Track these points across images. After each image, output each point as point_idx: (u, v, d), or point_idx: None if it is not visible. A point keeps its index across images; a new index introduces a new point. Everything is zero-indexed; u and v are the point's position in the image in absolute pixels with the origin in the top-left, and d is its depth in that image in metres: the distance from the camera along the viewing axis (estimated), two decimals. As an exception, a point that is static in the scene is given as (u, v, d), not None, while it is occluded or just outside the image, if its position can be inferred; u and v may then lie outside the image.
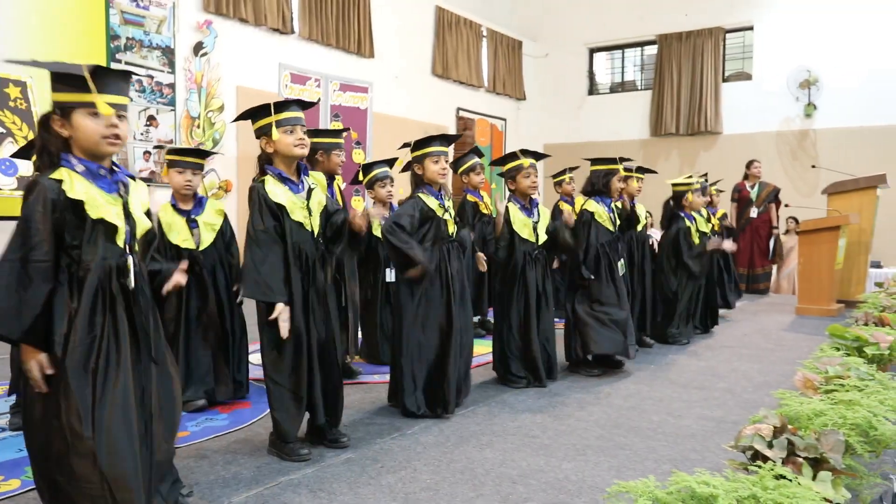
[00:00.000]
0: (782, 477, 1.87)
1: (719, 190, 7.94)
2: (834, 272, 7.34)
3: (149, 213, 2.25)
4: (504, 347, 4.35)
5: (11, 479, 2.75)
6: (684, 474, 1.83)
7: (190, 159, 3.78)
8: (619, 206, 4.99)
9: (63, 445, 2.01)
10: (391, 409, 3.81)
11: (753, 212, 9.55)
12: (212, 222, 3.79)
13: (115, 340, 2.07)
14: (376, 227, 4.23)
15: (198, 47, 8.17)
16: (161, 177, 7.49)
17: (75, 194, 2.00)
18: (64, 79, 2.03)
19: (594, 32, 13.73)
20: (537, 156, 4.42)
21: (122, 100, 2.08)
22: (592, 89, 14.15)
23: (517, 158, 4.32)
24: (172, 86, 7.89)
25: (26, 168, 3.66)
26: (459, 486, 2.74)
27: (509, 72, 13.52)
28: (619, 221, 4.94)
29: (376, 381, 4.35)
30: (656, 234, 6.35)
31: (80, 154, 2.06)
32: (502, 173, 4.45)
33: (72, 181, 2.02)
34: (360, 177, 4.81)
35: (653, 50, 13.29)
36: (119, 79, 2.09)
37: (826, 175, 9.09)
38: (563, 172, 6.99)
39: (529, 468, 2.94)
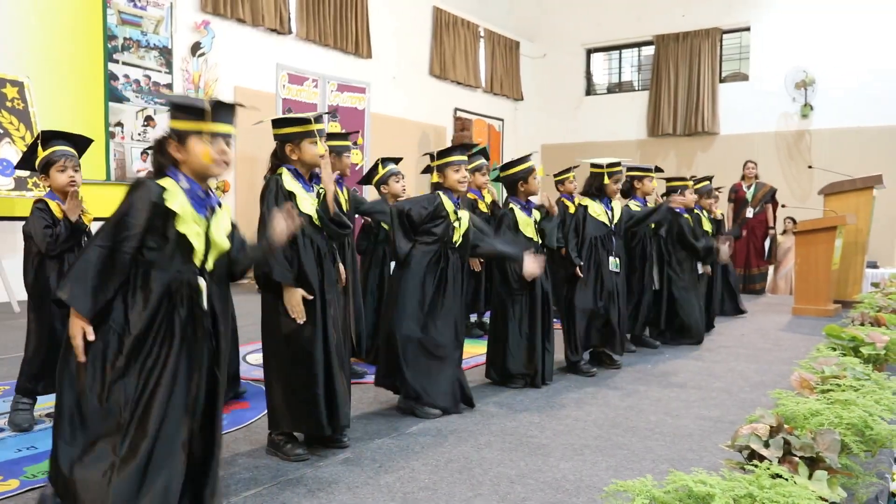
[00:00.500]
0: (778, 476, 1.89)
1: (716, 188, 7.93)
2: (830, 272, 7.36)
3: (233, 231, 2.42)
4: (503, 347, 4.36)
5: (10, 480, 2.75)
6: (681, 473, 1.84)
7: None
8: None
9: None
10: (389, 409, 3.82)
11: (749, 212, 9.58)
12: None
13: (167, 350, 2.17)
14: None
15: (195, 47, 8.18)
16: None
17: (172, 205, 2.19)
18: (184, 109, 2.28)
19: (591, 33, 13.75)
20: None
21: (231, 129, 2.34)
22: (590, 90, 14.18)
23: (526, 162, 4.47)
24: (170, 86, 7.89)
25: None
26: (457, 486, 2.75)
27: (507, 72, 13.53)
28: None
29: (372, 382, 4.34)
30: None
31: (188, 174, 2.28)
32: (503, 177, 4.53)
33: (174, 192, 2.21)
34: (380, 168, 5.02)
35: (650, 50, 13.32)
36: (229, 110, 2.33)
37: (823, 175, 9.12)
38: (568, 171, 7.02)
39: (527, 468, 2.95)
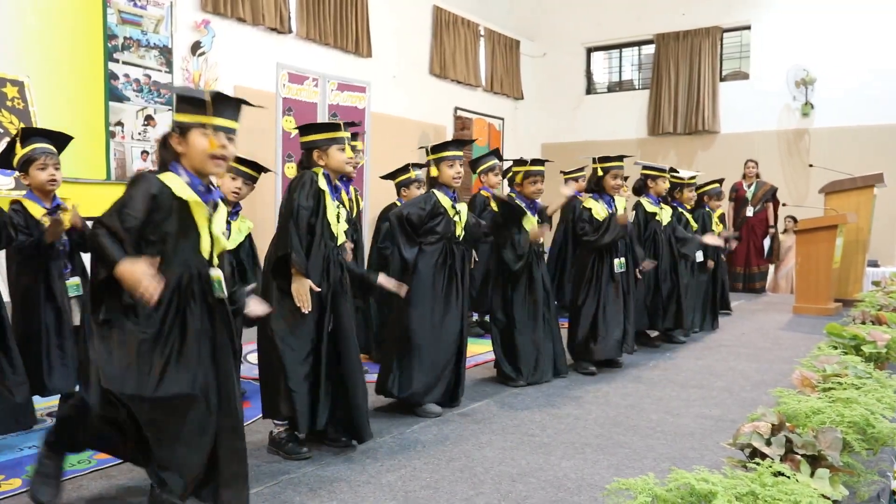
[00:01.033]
0: (780, 474, 1.88)
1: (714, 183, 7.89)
2: (831, 271, 7.35)
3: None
4: (506, 345, 4.36)
5: (13, 479, 2.76)
6: (683, 471, 1.83)
7: (246, 170, 3.78)
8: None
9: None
10: (390, 408, 3.82)
11: (750, 211, 9.58)
12: (242, 229, 3.88)
13: (179, 339, 2.22)
14: None
15: (195, 47, 8.16)
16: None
17: (181, 193, 2.21)
18: (187, 101, 2.27)
19: (592, 32, 13.73)
20: (540, 162, 4.51)
21: (233, 124, 2.30)
22: (590, 89, 14.16)
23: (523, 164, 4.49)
24: (170, 85, 7.88)
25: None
26: (459, 485, 2.75)
27: (507, 71, 13.52)
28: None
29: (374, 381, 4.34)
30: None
31: (189, 168, 2.28)
32: (510, 177, 4.61)
33: (177, 184, 2.23)
34: (411, 171, 5.15)
35: (650, 49, 13.30)
36: (232, 105, 2.31)
37: (823, 174, 9.10)
38: (580, 170, 7.09)
39: (529, 466, 2.95)
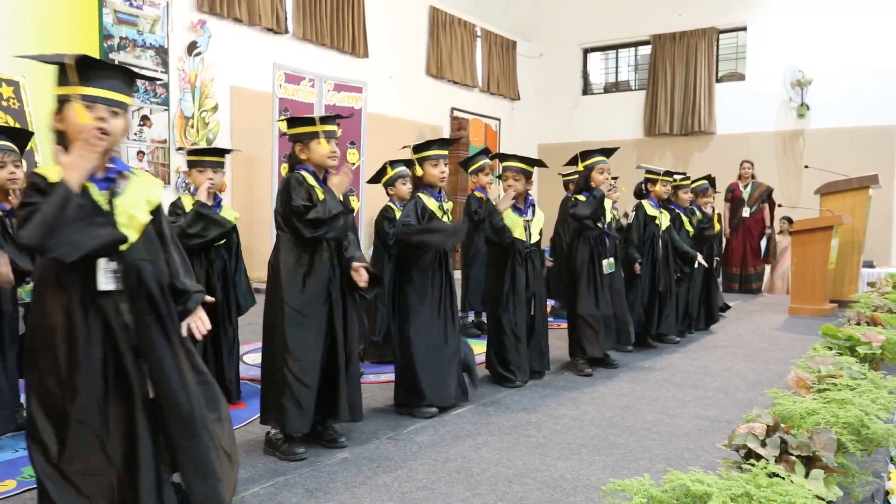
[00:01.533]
0: (775, 475, 1.89)
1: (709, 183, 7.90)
2: (827, 272, 7.37)
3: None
4: (498, 346, 4.36)
5: (7, 480, 2.75)
6: (679, 472, 1.84)
7: (210, 158, 3.85)
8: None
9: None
10: (386, 409, 3.81)
11: (746, 211, 9.60)
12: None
13: (86, 344, 1.96)
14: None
15: (192, 47, 8.16)
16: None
17: (54, 178, 1.89)
18: (59, 70, 1.91)
19: (588, 32, 13.75)
20: (533, 161, 4.51)
21: (111, 94, 1.92)
22: (586, 89, 14.18)
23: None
24: (166, 85, 7.87)
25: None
26: (455, 486, 2.75)
27: (503, 72, 13.53)
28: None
29: (370, 382, 4.35)
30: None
31: (71, 146, 1.94)
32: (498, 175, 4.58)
33: (52, 169, 1.92)
34: (388, 170, 5.07)
35: (647, 50, 13.32)
36: (110, 73, 1.96)
37: (819, 175, 9.13)
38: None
39: (525, 467, 2.96)
